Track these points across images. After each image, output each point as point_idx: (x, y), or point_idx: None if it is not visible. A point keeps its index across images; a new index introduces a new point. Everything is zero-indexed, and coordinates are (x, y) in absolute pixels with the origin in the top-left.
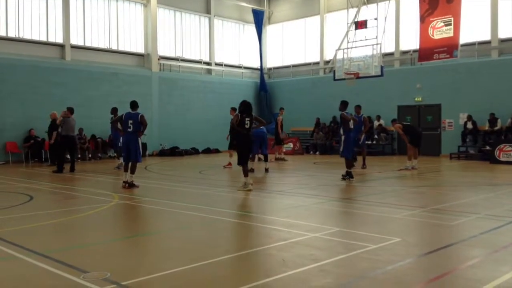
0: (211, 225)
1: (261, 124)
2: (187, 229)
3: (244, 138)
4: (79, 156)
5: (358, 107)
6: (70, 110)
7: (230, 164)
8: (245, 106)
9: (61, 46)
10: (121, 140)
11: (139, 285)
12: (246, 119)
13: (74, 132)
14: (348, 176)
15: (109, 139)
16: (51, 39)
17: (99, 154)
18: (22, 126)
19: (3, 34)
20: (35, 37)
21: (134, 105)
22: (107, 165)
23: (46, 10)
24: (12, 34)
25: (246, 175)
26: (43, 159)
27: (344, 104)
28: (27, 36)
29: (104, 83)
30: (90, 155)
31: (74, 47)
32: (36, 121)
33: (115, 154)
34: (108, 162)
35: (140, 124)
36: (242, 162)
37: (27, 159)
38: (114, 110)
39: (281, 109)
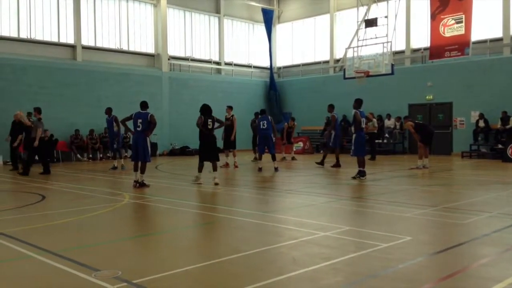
0: (221, 224)
1: (221, 125)
2: (197, 228)
3: (207, 138)
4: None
5: (330, 106)
6: (38, 111)
7: (227, 164)
8: (205, 109)
9: (72, 47)
10: (116, 140)
11: (150, 283)
12: (209, 120)
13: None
14: (359, 175)
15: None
16: (63, 40)
17: (108, 154)
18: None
19: (15, 35)
20: (47, 38)
21: (144, 105)
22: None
23: (58, 11)
24: (24, 35)
25: (200, 170)
26: (54, 159)
27: (358, 102)
28: (38, 37)
29: (115, 84)
30: (101, 155)
31: (85, 47)
32: (48, 121)
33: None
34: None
35: (149, 123)
36: (202, 158)
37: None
38: (108, 111)
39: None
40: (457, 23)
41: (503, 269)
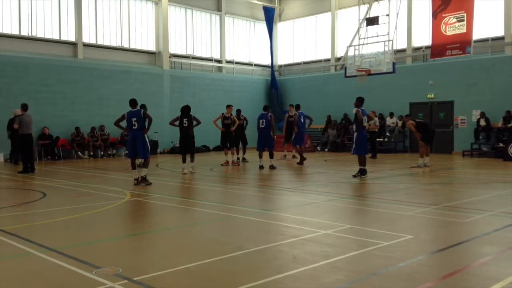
0: (222, 222)
1: (198, 124)
2: (198, 226)
3: (183, 134)
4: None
5: (297, 106)
6: (24, 107)
7: (227, 162)
8: (183, 109)
9: (73, 44)
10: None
11: (151, 280)
12: (184, 119)
13: (31, 130)
14: (360, 173)
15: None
16: (64, 38)
17: (109, 152)
18: (36, 124)
19: (16, 32)
20: (48, 36)
21: (133, 103)
22: (119, 163)
23: (59, 8)
24: (25, 32)
25: (184, 162)
26: (56, 157)
27: (359, 101)
28: (40, 34)
29: (116, 81)
30: (102, 153)
31: (86, 45)
32: (49, 119)
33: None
34: (121, 159)
35: (144, 120)
36: (183, 152)
37: (40, 157)
38: (142, 106)
39: (290, 106)
40: (459, 21)
41: (503, 268)
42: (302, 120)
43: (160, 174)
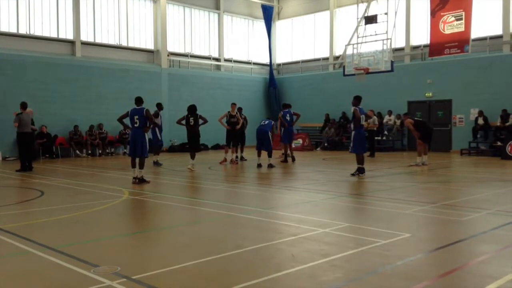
0: (220, 220)
1: (204, 122)
2: (197, 224)
3: (189, 132)
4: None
5: (283, 105)
6: (23, 106)
7: (225, 160)
8: (189, 109)
9: (71, 43)
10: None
11: (149, 279)
12: (190, 118)
13: (29, 128)
14: (358, 171)
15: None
16: (62, 36)
17: (107, 150)
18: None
19: (14, 30)
20: (46, 34)
21: (138, 100)
22: (117, 161)
23: (57, 6)
24: (23, 30)
25: (192, 158)
26: (54, 155)
27: (357, 99)
28: (37, 32)
29: (114, 80)
30: (100, 151)
31: (84, 43)
32: (47, 117)
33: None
34: (119, 158)
35: (146, 119)
36: (191, 150)
37: (38, 155)
38: (158, 105)
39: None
40: (457, 20)
41: (501, 266)
42: (288, 118)
43: (158, 173)
